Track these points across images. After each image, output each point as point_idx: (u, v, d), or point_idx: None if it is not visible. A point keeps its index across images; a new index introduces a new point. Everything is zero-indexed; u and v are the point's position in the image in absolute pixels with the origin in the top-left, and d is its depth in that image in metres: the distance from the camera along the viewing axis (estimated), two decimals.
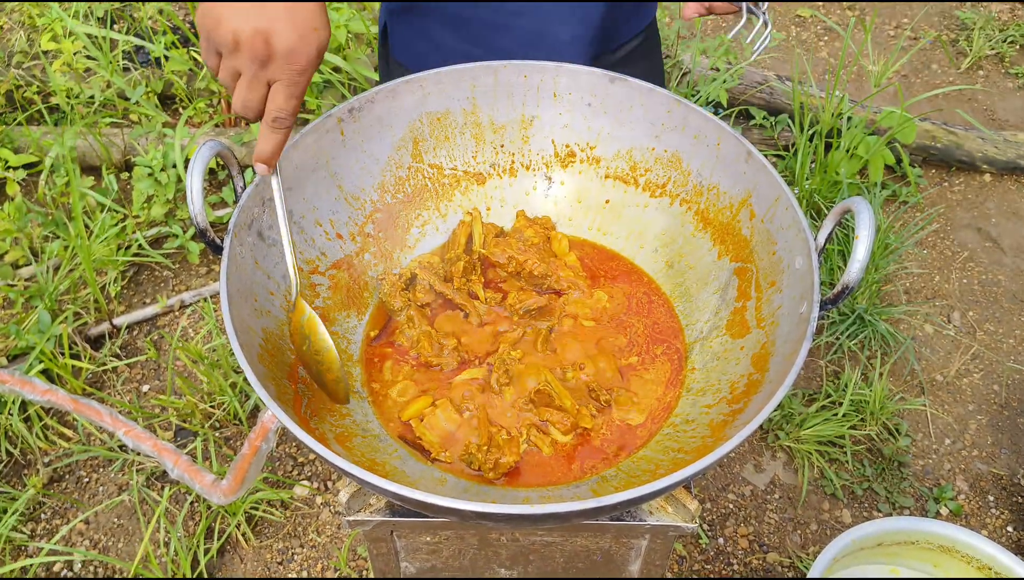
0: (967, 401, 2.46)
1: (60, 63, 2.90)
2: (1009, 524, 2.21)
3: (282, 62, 0.92)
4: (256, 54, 0.91)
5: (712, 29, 3.75)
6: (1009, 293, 2.75)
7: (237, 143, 2.87)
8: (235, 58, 0.92)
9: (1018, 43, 3.67)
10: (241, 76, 0.94)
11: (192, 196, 1.04)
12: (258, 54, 0.91)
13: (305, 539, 2.12)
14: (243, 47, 0.91)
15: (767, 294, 1.17)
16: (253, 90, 0.94)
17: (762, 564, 2.11)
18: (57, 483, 2.20)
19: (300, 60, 0.93)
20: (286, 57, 0.92)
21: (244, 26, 0.90)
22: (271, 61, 0.92)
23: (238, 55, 0.92)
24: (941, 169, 3.16)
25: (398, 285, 1.30)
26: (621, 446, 1.18)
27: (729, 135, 1.24)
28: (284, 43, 0.91)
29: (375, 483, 0.88)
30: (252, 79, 0.93)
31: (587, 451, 1.17)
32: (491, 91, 1.35)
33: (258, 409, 2.28)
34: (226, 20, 0.90)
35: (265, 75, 0.93)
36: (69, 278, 2.47)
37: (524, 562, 1.34)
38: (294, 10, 0.92)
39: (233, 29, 0.90)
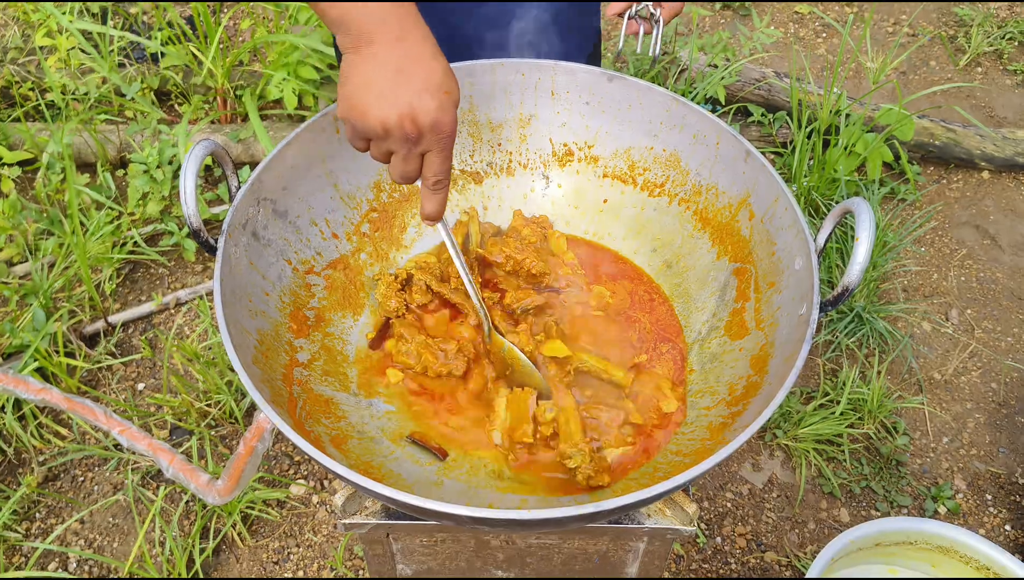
0: (965, 399, 2.46)
1: (55, 59, 2.89)
2: (1007, 523, 2.20)
3: (430, 136, 0.99)
4: (406, 136, 0.98)
5: (711, 26, 3.74)
6: (1007, 291, 2.74)
7: (233, 140, 2.86)
8: (386, 143, 1.00)
9: (1017, 40, 3.66)
10: (395, 154, 1.01)
11: (186, 197, 1.03)
12: (408, 135, 0.98)
13: (301, 539, 2.11)
14: (392, 132, 0.97)
15: (766, 295, 1.16)
16: (409, 164, 1.02)
17: (760, 563, 2.11)
18: (52, 482, 2.19)
19: (445, 128, 0.99)
20: (432, 130, 0.98)
21: (390, 114, 0.96)
22: (421, 138, 0.99)
23: (389, 139, 0.99)
24: (939, 166, 3.15)
25: (394, 286, 1.29)
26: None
27: (728, 134, 1.23)
28: (427, 119, 0.97)
29: (370, 487, 0.87)
30: (406, 156, 1.01)
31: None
32: (488, 90, 1.34)
33: (254, 407, 2.27)
34: (372, 112, 0.96)
35: (417, 150, 1.00)
36: (64, 276, 2.46)
37: (521, 564, 1.33)
38: (428, 80, 0.97)
39: (380, 119, 0.96)
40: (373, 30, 0.96)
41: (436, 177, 1.04)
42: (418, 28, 0.98)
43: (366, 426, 1.17)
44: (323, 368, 1.20)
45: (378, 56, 0.96)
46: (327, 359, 1.22)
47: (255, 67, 3.03)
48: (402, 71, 0.96)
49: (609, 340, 1.27)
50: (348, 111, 0.99)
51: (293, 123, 2.99)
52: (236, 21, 3.54)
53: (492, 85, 1.34)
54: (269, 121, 3.01)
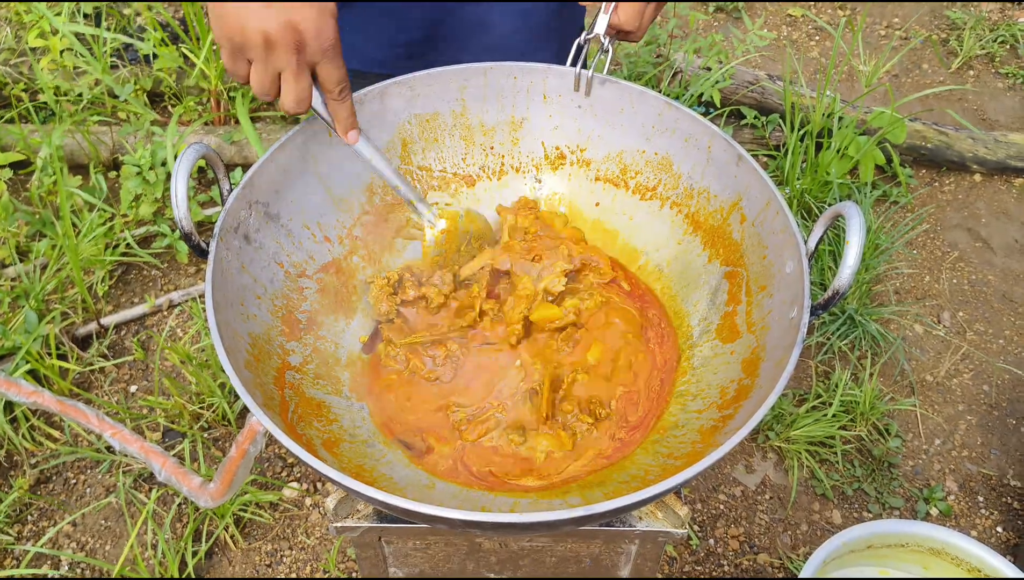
0: (957, 401, 2.47)
1: (47, 60, 2.88)
2: (999, 525, 2.21)
3: (316, 42, 0.97)
4: (291, 44, 0.95)
5: (704, 29, 3.75)
6: (999, 293, 2.75)
7: (227, 141, 2.85)
8: (272, 57, 0.97)
9: (1008, 43, 3.67)
10: (283, 72, 0.98)
11: (177, 200, 1.03)
12: (292, 43, 0.95)
13: (294, 541, 2.11)
14: (277, 43, 0.95)
15: (757, 298, 1.16)
16: (301, 79, 0.99)
17: (752, 565, 2.11)
18: (44, 485, 2.18)
19: (329, 33, 0.98)
20: (317, 36, 0.97)
21: (270, 24, 0.94)
22: (306, 46, 0.97)
23: (274, 53, 0.96)
24: (931, 169, 3.17)
25: (386, 289, 1.30)
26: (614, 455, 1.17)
27: (720, 138, 1.23)
28: (310, 24, 0.95)
29: (361, 491, 0.87)
30: (297, 70, 0.98)
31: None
32: (481, 93, 1.34)
33: (247, 410, 2.26)
34: (251, 23, 0.94)
35: (305, 60, 0.98)
36: (56, 278, 2.45)
37: (513, 567, 1.33)
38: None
39: (261, 30, 0.94)
40: None
41: (337, 84, 1.03)
42: None
43: (358, 429, 1.17)
44: (315, 371, 1.20)
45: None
46: (319, 363, 1.22)
47: None
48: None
49: (615, 366, 1.26)
50: (224, 28, 0.96)
51: (286, 125, 2.98)
52: None
53: (484, 88, 1.34)
54: (262, 123, 3.01)
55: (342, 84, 1.04)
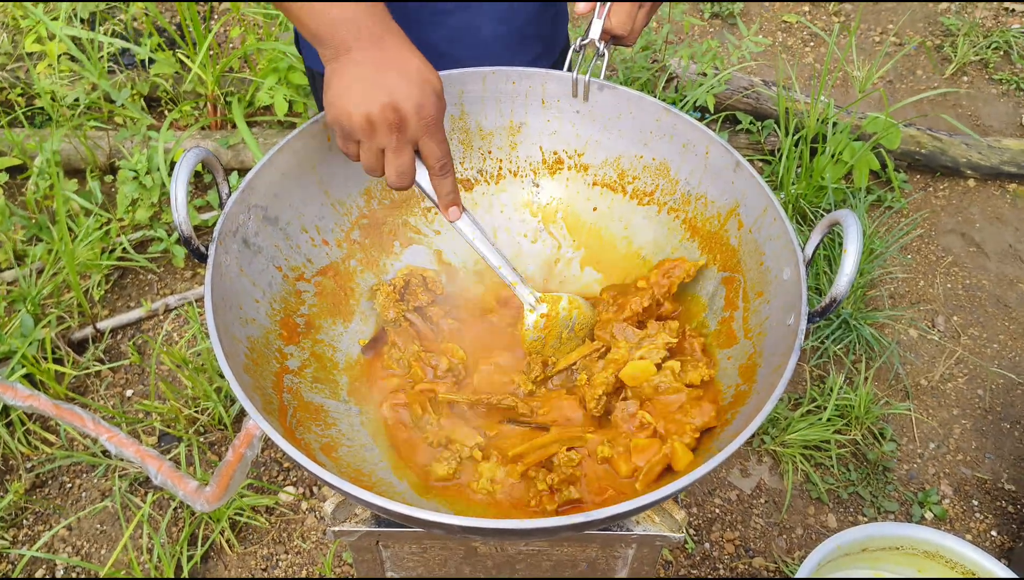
0: (951, 405, 2.48)
1: (44, 65, 2.88)
2: (993, 528, 2.22)
3: (415, 120, 1.01)
4: (392, 124, 1.00)
5: (699, 35, 3.76)
6: (993, 298, 2.77)
7: (224, 146, 2.85)
8: (375, 138, 1.02)
9: (1002, 49, 3.69)
10: (386, 150, 1.03)
11: (176, 204, 1.03)
12: (393, 123, 1.00)
13: (290, 545, 2.11)
14: (378, 124, 1.00)
15: (754, 304, 1.17)
16: (401, 155, 1.03)
17: (748, 569, 2.11)
18: (39, 489, 2.18)
19: (429, 111, 1.01)
20: (417, 113, 1.01)
21: (372, 107, 0.99)
22: (407, 125, 1.01)
23: (376, 134, 1.01)
24: (926, 174, 3.18)
25: (392, 296, 1.30)
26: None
27: (718, 144, 1.24)
28: (410, 104, 1.00)
29: (360, 496, 0.87)
30: (397, 147, 1.02)
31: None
32: (479, 97, 1.35)
33: (243, 414, 2.26)
34: (354, 110, 0.99)
35: (406, 138, 1.02)
36: (52, 282, 2.45)
37: (510, 571, 1.33)
38: (405, 69, 1.01)
39: (363, 114, 0.99)
40: (350, 38, 1.00)
41: (438, 161, 1.06)
42: (392, 31, 1.03)
43: (356, 434, 1.17)
44: (313, 375, 1.20)
45: (356, 60, 1.00)
46: (317, 366, 1.22)
47: (245, 73, 3.03)
48: (380, 68, 1.00)
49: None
50: (334, 114, 1.02)
51: (283, 129, 2.99)
52: (227, 28, 3.54)
53: (482, 93, 1.34)
54: (259, 128, 3.01)
55: (443, 160, 1.06)
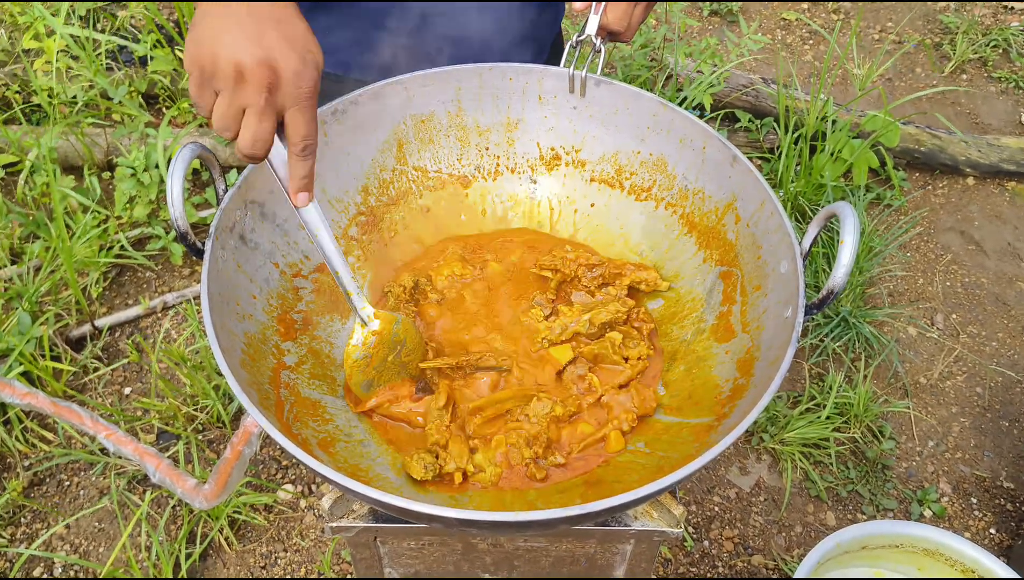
0: (950, 403, 2.47)
1: (42, 62, 2.87)
2: (992, 526, 2.22)
3: (291, 87, 0.91)
4: (263, 83, 0.89)
5: (698, 32, 3.76)
6: (992, 296, 2.76)
7: (221, 143, 2.85)
8: (240, 92, 0.90)
9: (1001, 47, 3.69)
10: (248, 109, 0.91)
11: (172, 199, 1.03)
12: (265, 82, 0.89)
13: (289, 543, 2.11)
14: (248, 77, 0.89)
15: (752, 298, 1.17)
16: (264, 120, 0.92)
17: (747, 567, 2.11)
18: (38, 487, 2.18)
19: (307, 82, 0.92)
20: (294, 81, 0.91)
21: (246, 57, 0.88)
22: (279, 88, 0.91)
23: (243, 87, 0.90)
24: (925, 172, 3.18)
25: (402, 297, 1.29)
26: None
27: (715, 139, 1.23)
28: (289, 67, 0.90)
29: (357, 490, 0.87)
30: (262, 110, 0.91)
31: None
32: (476, 94, 1.35)
33: (242, 412, 2.26)
34: (225, 53, 0.88)
35: (274, 102, 0.92)
36: (50, 279, 2.44)
37: (508, 567, 1.33)
38: (290, 34, 0.91)
39: (235, 61, 0.88)
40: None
41: (303, 140, 0.95)
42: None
43: (354, 429, 1.17)
44: (310, 371, 1.20)
45: (236, 5, 0.90)
46: (314, 362, 1.22)
47: None
48: (262, 21, 0.90)
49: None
50: (196, 53, 0.89)
51: None
52: None
53: (479, 89, 1.34)
54: None
55: (308, 140, 0.96)
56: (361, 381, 1.19)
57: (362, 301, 1.16)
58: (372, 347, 1.18)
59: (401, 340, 1.20)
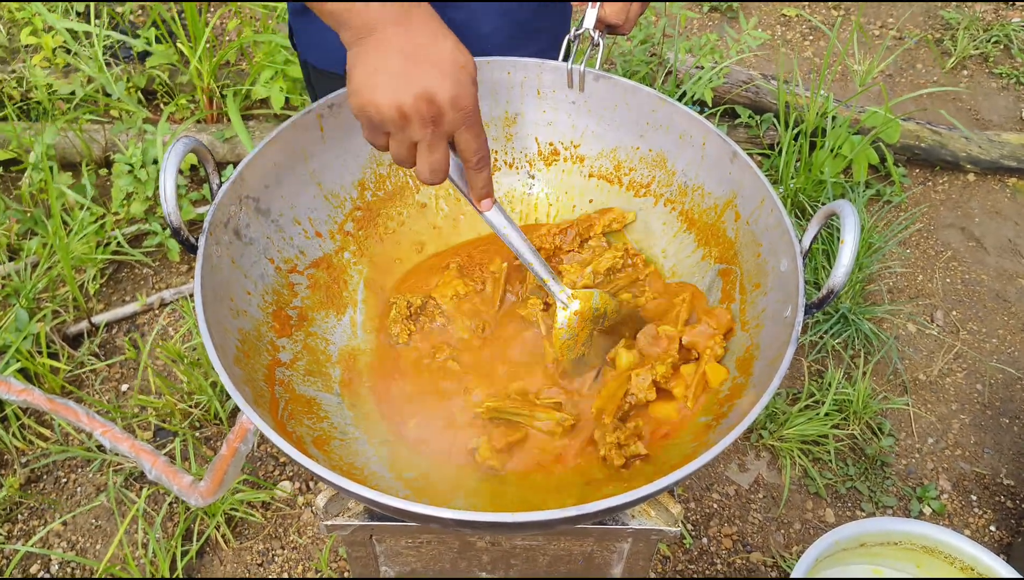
0: (950, 400, 2.47)
1: (39, 58, 2.86)
2: (992, 524, 2.21)
3: (452, 113, 0.93)
4: (426, 117, 0.92)
5: (698, 28, 3.74)
6: (992, 292, 2.76)
7: (219, 139, 2.84)
8: (408, 130, 0.93)
9: (1002, 43, 3.68)
10: (419, 144, 0.95)
11: (166, 194, 1.02)
12: (428, 116, 0.92)
13: (286, 540, 2.10)
14: (411, 117, 0.91)
15: (751, 296, 1.16)
16: (436, 150, 0.95)
17: (745, 564, 2.11)
18: (34, 484, 2.17)
19: (466, 101, 0.94)
20: (453, 105, 0.92)
21: (404, 97, 0.90)
22: (442, 117, 0.93)
23: (409, 125, 0.92)
24: (925, 169, 3.17)
25: (404, 312, 1.28)
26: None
27: (714, 135, 1.22)
28: (445, 95, 0.91)
29: (352, 490, 0.86)
30: (432, 142, 0.94)
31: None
32: None
33: (238, 409, 2.25)
34: (384, 100, 0.91)
35: (442, 132, 0.94)
36: (47, 276, 2.44)
37: (505, 566, 1.32)
38: (438, 58, 0.93)
39: (396, 105, 0.91)
40: (373, 18, 0.92)
41: (475, 155, 0.99)
42: (420, 9, 0.95)
43: (349, 427, 1.16)
44: (306, 368, 1.19)
45: (382, 43, 0.92)
46: (310, 359, 1.21)
47: (242, 66, 3.01)
48: (410, 53, 0.92)
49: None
50: (360, 104, 0.93)
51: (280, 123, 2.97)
52: (224, 21, 3.52)
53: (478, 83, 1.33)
54: (256, 121, 2.99)
55: (480, 153, 0.99)
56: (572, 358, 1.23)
57: (557, 285, 1.19)
58: (576, 326, 1.21)
59: (602, 313, 1.23)
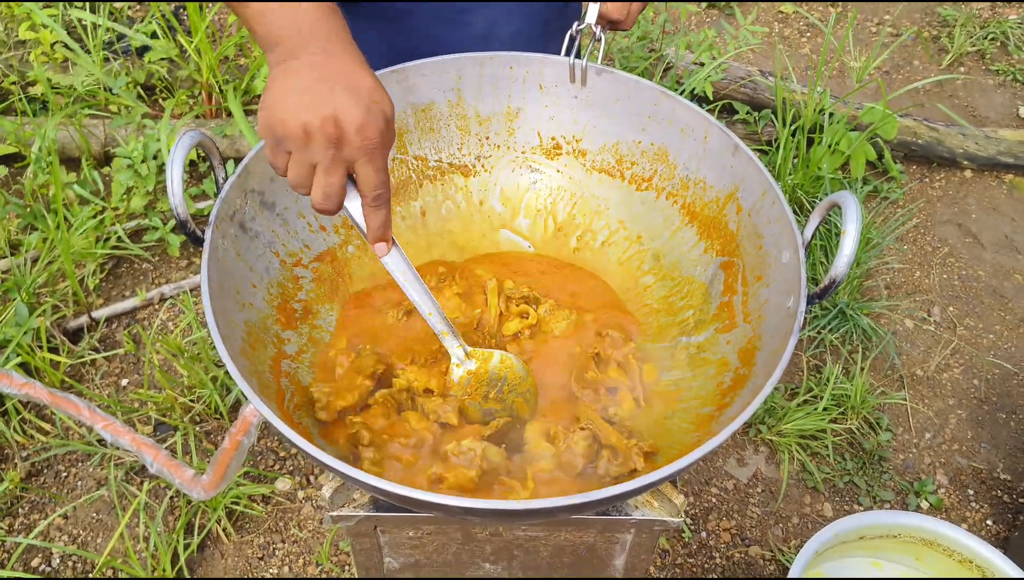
0: (947, 395, 2.48)
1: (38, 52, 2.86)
2: (989, 518, 2.22)
3: (356, 140, 0.92)
4: (329, 139, 0.91)
5: (696, 24, 3.75)
6: (989, 288, 2.77)
7: (219, 134, 2.84)
8: (308, 150, 0.92)
9: (999, 40, 3.69)
10: (317, 166, 0.93)
11: (172, 186, 1.03)
12: (331, 138, 0.91)
13: (287, 534, 2.11)
14: (314, 136, 0.91)
15: (753, 288, 1.17)
16: (332, 175, 0.94)
17: (744, 558, 2.12)
18: (35, 477, 2.17)
19: (372, 133, 0.92)
20: (359, 133, 0.92)
21: (312, 116, 0.90)
22: (344, 141, 0.92)
23: (311, 146, 0.92)
24: (922, 165, 3.18)
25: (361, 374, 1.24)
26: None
27: (716, 128, 1.23)
28: (353, 120, 0.91)
29: (360, 478, 0.87)
30: (329, 164, 0.93)
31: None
32: (476, 83, 1.34)
33: (239, 403, 2.26)
34: (292, 116, 0.91)
35: (341, 157, 0.93)
36: (47, 271, 2.44)
37: (508, 557, 1.33)
38: (354, 86, 0.93)
39: (302, 123, 0.90)
40: (298, 44, 0.94)
41: (373, 191, 0.96)
42: (345, 43, 0.96)
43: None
44: (311, 360, 1.20)
45: (302, 68, 0.93)
46: (315, 351, 1.22)
47: (241, 61, 3.01)
48: (327, 78, 0.92)
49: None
50: (267, 119, 0.93)
51: None
52: (222, 16, 3.52)
53: (480, 78, 1.34)
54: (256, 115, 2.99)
55: (378, 190, 0.97)
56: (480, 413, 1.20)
57: (455, 341, 1.15)
58: (470, 386, 1.18)
59: (501, 376, 1.19)
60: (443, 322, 1.13)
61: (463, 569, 1.37)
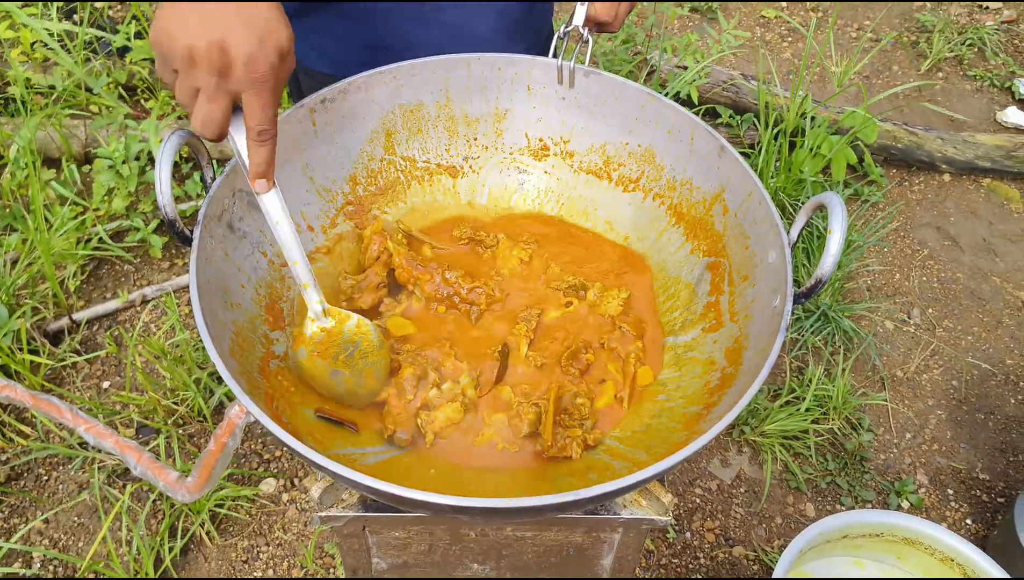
0: (927, 396, 2.51)
1: (18, 52, 2.83)
2: (968, 517, 2.25)
3: (243, 72, 0.88)
4: (213, 65, 0.87)
5: (679, 28, 3.77)
6: (967, 290, 2.80)
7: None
8: (192, 74, 0.88)
9: (976, 46, 3.74)
10: (200, 91, 0.89)
11: (160, 185, 1.02)
12: (215, 65, 0.87)
13: (271, 537, 2.10)
14: (199, 60, 0.87)
15: (740, 288, 1.17)
16: (214, 102, 0.90)
17: (728, 558, 2.13)
18: (15, 481, 2.15)
19: (261, 66, 0.89)
20: (247, 64, 0.88)
21: (198, 39, 0.86)
22: (231, 71, 0.88)
23: (195, 70, 0.88)
24: (902, 169, 3.22)
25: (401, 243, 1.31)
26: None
27: (702, 130, 1.24)
28: (242, 50, 0.87)
29: (351, 477, 0.87)
30: (213, 92, 0.89)
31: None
32: (464, 84, 1.34)
33: (222, 405, 2.24)
34: (179, 35, 0.86)
35: (226, 86, 0.89)
36: (27, 272, 2.41)
37: (496, 556, 1.33)
38: (249, 15, 0.88)
39: (188, 44, 0.86)
40: None
41: (258, 126, 0.93)
42: None
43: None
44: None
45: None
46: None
47: None
48: (225, 4, 0.87)
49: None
50: (156, 35, 0.88)
51: None
52: None
53: (468, 79, 1.34)
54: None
55: (263, 126, 0.93)
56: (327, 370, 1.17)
57: (315, 295, 1.13)
58: (321, 343, 1.15)
59: (354, 340, 1.17)
60: (308, 274, 1.11)
61: (451, 569, 1.36)
